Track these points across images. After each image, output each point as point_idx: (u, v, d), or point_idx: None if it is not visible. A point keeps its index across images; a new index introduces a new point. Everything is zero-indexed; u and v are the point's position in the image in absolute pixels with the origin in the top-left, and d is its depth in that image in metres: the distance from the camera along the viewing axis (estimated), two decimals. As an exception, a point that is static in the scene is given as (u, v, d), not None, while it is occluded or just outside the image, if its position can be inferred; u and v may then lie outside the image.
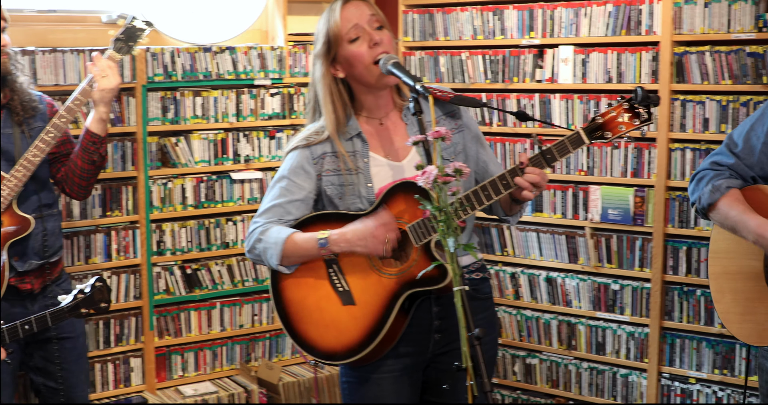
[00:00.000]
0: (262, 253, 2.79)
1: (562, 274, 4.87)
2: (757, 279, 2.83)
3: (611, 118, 2.57)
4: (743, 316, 2.87)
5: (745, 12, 4.24)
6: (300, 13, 5.38)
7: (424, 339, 2.85)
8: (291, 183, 2.83)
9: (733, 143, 2.87)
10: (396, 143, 2.85)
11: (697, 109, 4.40)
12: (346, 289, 2.76)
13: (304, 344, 2.81)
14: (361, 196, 2.80)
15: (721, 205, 2.80)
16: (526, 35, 4.86)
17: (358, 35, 2.75)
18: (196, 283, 5.04)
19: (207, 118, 4.99)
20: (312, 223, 2.81)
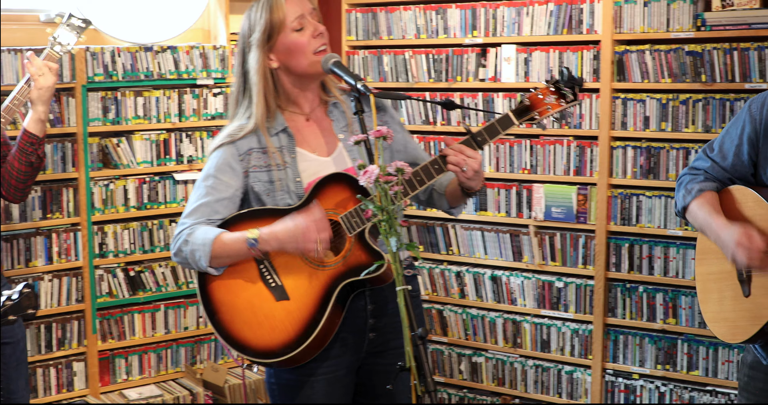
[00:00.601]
0: (189, 255, 2.70)
1: (506, 273, 4.88)
2: (732, 278, 2.86)
3: (538, 99, 2.65)
4: (721, 314, 2.90)
5: (683, 11, 4.28)
6: (242, 12, 5.11)
7: (358, 339, 2.82)
8: (218, 181, 2.76)
9: (710, 147, 2.91)
10: (322, 139, 2.84)
11: (638, 107, 4.44)
12: (278, 284, 2.70)
13: (238, 345, 2.71)
14: (290, 191, 2.76)
15: (692, 207, 2.86)
16: (469, 34, 4.87)
17: (302, 25, 2.74)
18: (140, 286, 4.98)
19: (149, 119, 4.95)
20: (241, 221, 2.75)
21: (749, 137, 2.80)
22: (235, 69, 2.84)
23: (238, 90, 2.83)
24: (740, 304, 2.81)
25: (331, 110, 2.88)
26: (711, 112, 4.26)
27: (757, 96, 2.85)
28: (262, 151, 2.77)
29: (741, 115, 2.85)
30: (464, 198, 2.84)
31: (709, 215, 2.79)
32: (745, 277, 2.77)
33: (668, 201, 4.39)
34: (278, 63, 2.77)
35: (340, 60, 2.74)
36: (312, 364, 2.75)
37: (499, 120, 2.66)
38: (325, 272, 2.69)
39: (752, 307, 2.77)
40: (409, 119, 5.11)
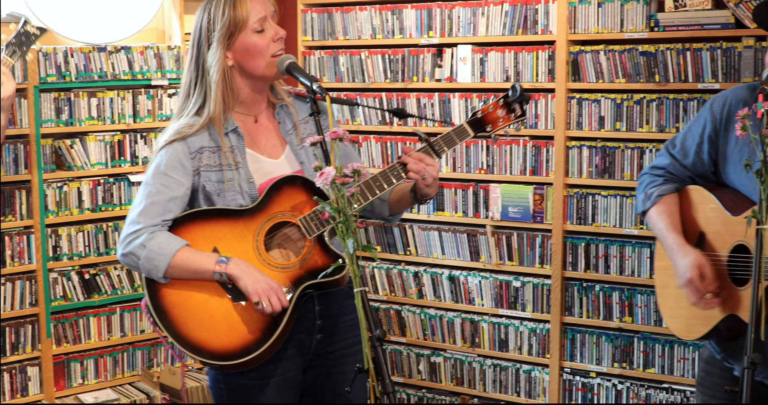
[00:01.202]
0: (143, 260, 2.64)
1: (464, 273, 4.88)
2: None
3: (490, 113, 2.73)
4: (676, 310, 2.95)
5: (637, 12, 4.31)
6: None
7: (306, 340, 2.80)
8: (169, 179, 2.69)
9: (672, 144, 2.94)
10: (271, 141, 2.82)
11: (593, 107, 4.46)
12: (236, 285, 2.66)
13: (194, 347, 2.64)
14: (243, 191, 2.73)
15: (651, 213, 2.91)
16: (425, 34, 4.87)
17: (263, 27, 2.72)
18: (95, 289, 4.94)
19: (103, 120, 4.91)
20: (191, 221, 2.71)
21: (710, 136, 2.83)
22: (187, 63, 2.79)
23: (190, 85, 2.77)
24: None
25: (278, 112, 2.86)
26: (665, 112, 4.29)
27: (718, 95, 2.88)
28: (212, 150, 2.73)
29: (703, 113, 2.88)
30: (412, 205, 2.87)
31: (666, 229, 2.85)
32: None
33: (624, 200, 4.42)
34: (233, 62, 2.74)
35: (295, 61, 2.74)
36: (262, 367, 2.71)
37: (455, 130, 2.72)
38: (284, 274, 2.67)
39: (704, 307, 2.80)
40: (365, 120, 5.10)
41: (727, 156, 2.82)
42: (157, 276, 2.65)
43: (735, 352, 2.83)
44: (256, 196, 2.74)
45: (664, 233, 2.85)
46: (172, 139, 2.71)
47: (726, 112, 2.81)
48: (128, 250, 2.66)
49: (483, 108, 2.74)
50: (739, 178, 2.80)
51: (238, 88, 2.78)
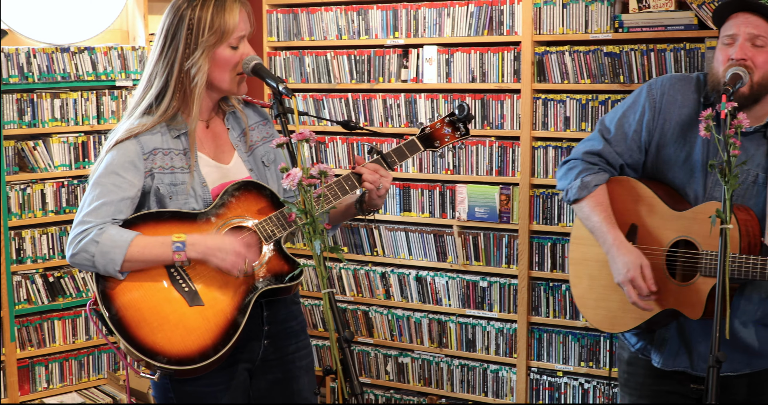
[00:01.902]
0: (97, 255, 2.53)
1: (431, 273, 4.88)
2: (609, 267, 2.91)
3: (437, 129, 2.81)
4: (597, 302, 2.97)
5: (601, 13, 4.33)
6: (161, 13, 5.12)
7: (254, 346, 2.77)
8: (121, 179, 2.61)
9: (606, 129, 2.93)
10: (221, 146, 2.80)
11: (558, 107, 4.48)
12: (192, 288, 2.61)
13: (149, 351, 2.54)
14: (197, 195, 2.70)
15: (585, 203, 2.90)
16: (391, 35, 4.87)
17: (238, 45, 2.71)
18: (60, 292, 4.90)
19: (66, 121, 4.87)
20: (143, 223, 2.63)
21: (648, 123, 2.86)
22: (154, 59, 2.69)
23: (151, 82, 2.68)
24: (622, 296, 2.86)
25: (228, 119, 2.84)
26: (629, 112, 4.30)
27: (654, 80, 2.89)
28: (165, 152, 2.69)
29: (639, 99, 2.88)
30: (355, 216, 2.88)
31: (604, 224, 2.86)
32: None
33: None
34: None
35: (261, 62, 2.72)
36: (212, 373, 2.66)
37: (406, 144, 2.79)
38: (241, 278, 2.64)
39: None
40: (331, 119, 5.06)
41: (665, 144, 2.85)
42: (114, 270, 2.54)
43: (652, 342, 2.91)
44: (210, 200, 2.71)
45: (602, 228, 2.85)
46: (125, 137, 2.64)
47: (665, 101, 2.85)
48: (78, 248, 2.55)
49: (431, 124, 2.81)
50: (672, 170, 2.84)
51: (202, 97, 2.73)
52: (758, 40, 2.69)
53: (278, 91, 2.63)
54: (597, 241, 2.91)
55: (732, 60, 2.70)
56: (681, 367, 2.89)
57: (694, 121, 2.79)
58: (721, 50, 2.75)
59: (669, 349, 2.90)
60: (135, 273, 2.58)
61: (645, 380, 2.99)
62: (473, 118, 2.85)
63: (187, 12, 2.65)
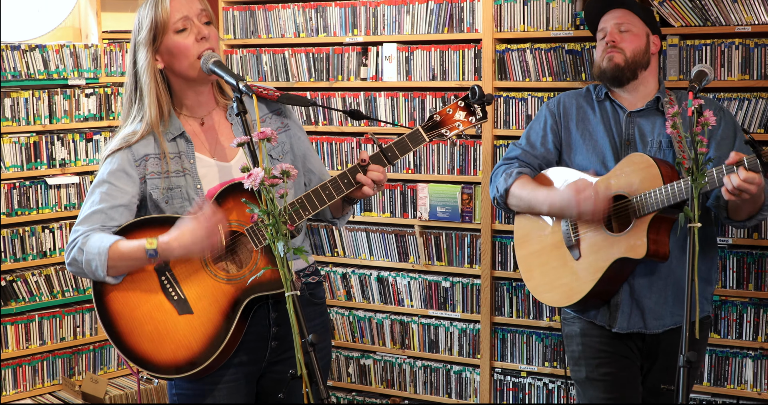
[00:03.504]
0: (84, 264, 2.60)
1: (393, 274, 4.84)
2: (558, 247, 3.26)
3: (448, 116, 2.66)
4: (552, 283, 3.26)
5: (562, 10, 4.30)
6: (114, 10, 5.23)
7: (261, 347, 2.77)
8: (112, 187, 2.67)
9: (518, 143, 3.43)
10: (222, 143, 2.77)
11: (520, 105, 4.44)
12: (181, 297, 2.62)
13: (139, 359, 2.64)
14: (191, 198, 2.69)
15: (514, 188, 3.26)
16: (350, 33, 4.82)
17: (185, 27, 2.67)
18: (12, 296, 4.80)
19: (17, 121, 4.78)
20: (140, 229, 2.66)
21: (552, 128, 3.36)
22: (128, 69, 2.75)
23: (130, 90, 2.74)
24: (572, 267, 3.20)
25: (230, 113, 2.81)
26: (592, 110, 4.28)
27: (550, 99, 3.57)
28: (158, 157, 2.70)
29: (540, 113, 3.43)
30: (347, 207, 2.86)
31: (534, 190, 3.21)
32: (574, 241, 3.18)
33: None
34: (163, 64, 2.71)
35: (220, 59, 2.67)
36: (215, 373, 2.70)
37: (409, 136, 2.66)
38: (230, 285, 2.63)
39: (586, 265, 3.16)
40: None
41: (572, 144, 3.33)
42: (102, 277, 2.60)
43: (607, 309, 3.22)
44: None
45: (533, 193, 3.21)
46: (117, 147, 2.70)
47: (562, 109, 3.39)
48: (70, 257, 2.63)
49: (441, 111, 2.68)
50: (584, 162, 3.28)
51: (179, 91, 2.75)
52: (623, 27, 3.28)
53: (238, 89, 2.58)
54: (538, 233, 3.30)
55: (607, 45, 3.28)
56: (636, 329, 3.19)
57: (592, 115, 3.33)
58: (599, 45, 3.35)
59: (622, 313, 3.18)
60: (128, 281, 2.63)
61: (602, 347, 3.25)
62: (491, 99, 2.69)
63: (137, 14, 2.72)
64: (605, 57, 3.29)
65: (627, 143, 3.27)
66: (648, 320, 3.21)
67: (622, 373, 3.28)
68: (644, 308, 3.20)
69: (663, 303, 3.20)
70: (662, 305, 3.20)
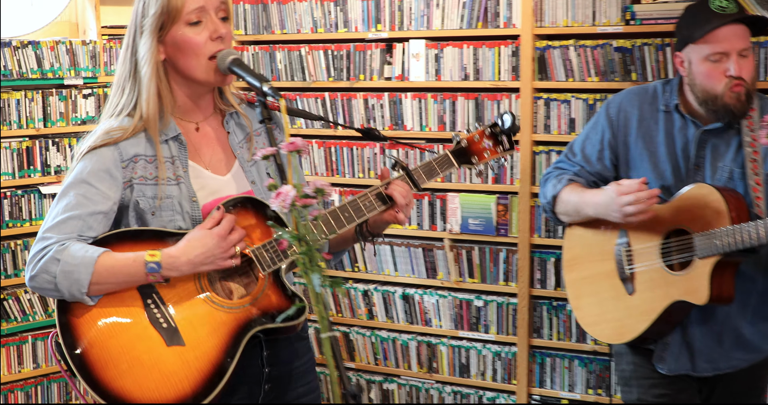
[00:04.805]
0: (59, 277, 2.23)
1: (419, 291, 4.65)
2: (610, 278, 3.04)
3: (475, 143, 2.53)
4: (602, 316, 3.08)
5: (611, 3, 4.10)
6: (114, 3, 5.10)
7: (254, 391, 2.45)
8: (93, 190, 2.32)
9: (572, 153, 3.12)
10: (217, 154, 2.48)
11: (562, 108, 4.25)
12: (171, 325, 2.29)
13: (113, 397, 2.24)
14: (184, 211, 2.37)
15: (563, 194, 3.05)
16: (373, 28, 4.62)
17: (200, 19, 2.35)
18: (3, 315, 4.60)
19: (9, 124, 4.62)
20: (119, 243, 2.32)
21: (609, 142, 3.05)
22: (122, 54, 2.42)
23: (123, 79, 2.40)
24: (625, 303, 3.01)
25: (228, 121, 2.51)
26: (643, 113, 4.08)
27: (613, 97, 3.08)
28: (149, 160, 2.37)
29: (599, 119, 3.08)
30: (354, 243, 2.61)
31: (581, 194, 3.00)
32: (628, 274, 2.98)
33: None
34: (164, 56, 2.39)
35: (240, 57, 2.37)
36: None
37: (437, 160, 2.51)
38: (231, 315, 2.31)
39: (640, 303, 2.97)
40: (306, 122, 4.84)
41: (630, 161, 3.03)
42: (81, 292, 2.23)
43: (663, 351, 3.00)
44: (199, 218, 2.38)
45: (580, 196, 2.99)
46: (101, 142, 2.33)
47: (622, 119, 3.03)
48: (38, 268, 2.25)
49: (468, 136, 2.52)
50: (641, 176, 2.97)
51: (173, 90, 2.42)
52: (744, 52, 2.83)
53: (262, 92, 2.30)
54: (587, 256, 3.09)
55: (729, 78, 2.81)
56: (683, 371, 2.99)
57: (655, 130, 2.98)
58: (706, 64, 2.84)
59: (671, 353, 3.00)
60: (104, 302, 2.28)
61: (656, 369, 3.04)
62: (518, 130, 2.56)
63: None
64: (733, 94, 2.81)
65: (696, 168, 2.94)
66: (698, 363, 3.00)
67: (680, 395, 3.08)
68: (695, 350, 2.99)
69: (717, 345, 2.99)
70: (716, 348, 2.99)
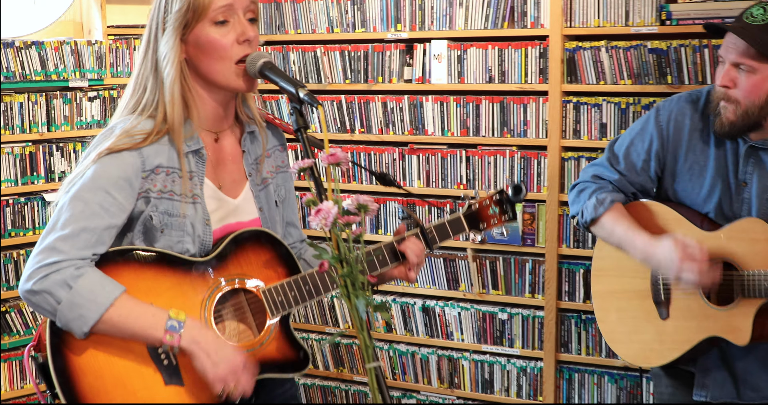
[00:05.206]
0: (64, 306, 2.04)
1: (441, 303, 4.54)
2: (643, 298, 2.90)
3: (484, 208, 2.50)
4: (629, 335, 2.94)
5: (645, 3, 3.99)
6: (121, 2, 4.95)
7: None
8: (110, 199, 2.11)
9: (615, 157, 2.94)
10: (231, 173, 2.29)
11: (593, 112, 4.12)
12: (172, 362, 2.13)
13: None
14: (195, 234, 2.18)
15: (605, 220, 2.87)
16: (392, 28, 4.51)
17: (227, 19, 2.16)
18: (4, 329, 4.44)
19: (11, 129, 4.45)
20: (124, 262, 2.14)
21: (657, 153, 2.87)
22: (141, 50, 2.23)
23: (144, 77, 2.20)
24: (656, 327, 2.87)
25: (245, 138, 2.32)
26: (678, 118, 3.96)
27: (663, 103, 2.88)
28: (167, 172, 2.17)
29: (647, 126, 2.88)
30: None
31: (629, 230, 2.82)
32: (663, 299, 2.84)
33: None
34: (186, 56, 2.20)
35: (271, 60, 2.18)
36: None
37: (450, 221, 2.45)
38: None
39: (673, 331, 2.84)
40: (320, 126, 4.70)
41: (676, 173, 2.87)
42: (79, 330, 2.05)
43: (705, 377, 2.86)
44: (209, 243, 2.22)
45: (628, 234, 2.81)
46: (123, 145, 2.12)
47: (672, 129, 2.84)
48: (43, 286, 2.04)
49: (479, 200, 2.50)
50: (690, 196, 2.85)
51: (198, 95, 2.22)
52: (743, 66, 2.65)
53: (298, 99, 2.11)
54: (620, 271, 2.93)
55: (721, 87, 2.70)
56: (728, 399, 2.85)
57: (705, 142, 2.82)
58: (718, 68, 2.76)
59: (714, 380, 2.85)
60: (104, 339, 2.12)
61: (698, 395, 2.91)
62: (522, 200, 2.54)
63: None
64: (720, 107, 2.70)
65: (743, 184, 2.79)
66: (743, 390, 2.84)
67: None
68: (739, 377, 2.85)
69: (763, 372, 2.84)
70: (762, 375, 2.84)
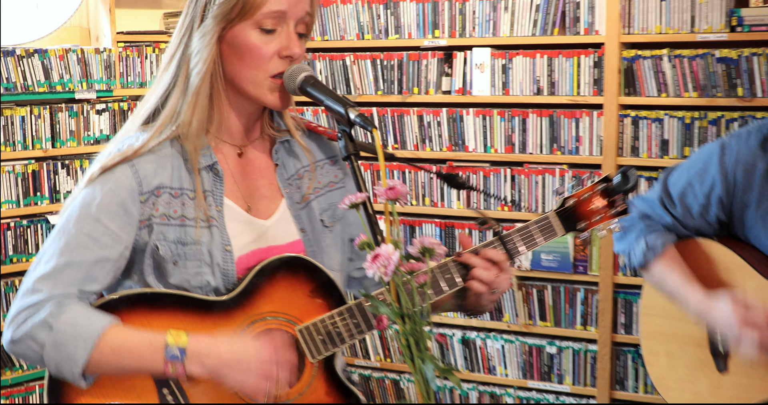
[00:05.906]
0: (49, 349, 1.82)
1: (482, 335, 4.41)
2: (698, 346, 2.80)
3: (584, 202, 2.12)
4: (681, 384, 2.85)
5: (713, 6, 3.84)
6: (131, 6, 4.85)
7: None
8: (101, 228, 1.88)
9: (668, 198, 2.76)
10: (260, 190, 2.02)
11: (654, 128, 3.98)
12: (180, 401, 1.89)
13: None
14: (214, 263, 1.91)
15: (656, 268, 2.76)
16: (429, 35, 4.37)
17: (275, 28, 1.89)
18: (6, 363, 4.29)
19: (12, 145, 4.32)
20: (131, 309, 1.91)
21: (720, 200, 2.69)
22: (169, 50, 1.99)
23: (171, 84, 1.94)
24: (712, 380, 2.77)
25: (278, 149, 2.04)
26: (750, 134, 3.78)
27: (729, 140, 2.67)
28: (174, 193, 1.90)
29: (709, 167, 2.69)
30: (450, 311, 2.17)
31: (682, 285, 2.70)
32: (722, 351, 2.73)
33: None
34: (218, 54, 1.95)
35: (314, 75, 1.91)
36: None
37: (539, 223, 2.10)
38: None
39: (731, 387, 2.74)
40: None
41: (746, 221, 2.68)
42: (74, 373, 1.82)
43: None
44: (233, 274, 1.94)
45: (681, 289, 2.70)
46: (117, 159, 1.90)
47: (741, 173, 2.64)
48: (23, 332, 1.83)
49: (576, 193, 2.14)
50: (755, 233, 2.69)
51: (224, 101, 1.95)
52: None
53: (347, 120, 1.82)
54: (673, 312, 2.82)
55: None
56: None
57: None
58: None
59: None
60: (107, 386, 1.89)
61: None
62: (636, 187, 2.28)
63: None
64: None
65: None
66: None
67: None
68: None
69: None
70: None
